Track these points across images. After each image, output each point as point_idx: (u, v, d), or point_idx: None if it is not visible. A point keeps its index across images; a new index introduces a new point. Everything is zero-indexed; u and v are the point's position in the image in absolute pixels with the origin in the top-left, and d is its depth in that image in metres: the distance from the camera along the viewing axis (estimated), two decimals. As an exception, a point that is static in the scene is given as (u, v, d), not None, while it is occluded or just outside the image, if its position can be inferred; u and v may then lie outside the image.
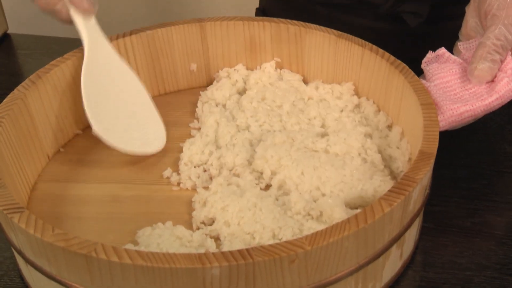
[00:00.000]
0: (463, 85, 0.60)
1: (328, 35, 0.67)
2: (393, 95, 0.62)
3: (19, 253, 0.49)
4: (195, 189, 0.60)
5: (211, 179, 0.60)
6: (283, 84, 0.70)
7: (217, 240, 0.54)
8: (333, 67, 0.69)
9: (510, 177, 0.64)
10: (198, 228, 0.55)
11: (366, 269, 0.48)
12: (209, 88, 0.72)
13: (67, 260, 0.44)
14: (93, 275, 0.44)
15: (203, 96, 0.71)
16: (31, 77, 0.61)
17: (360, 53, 0.65)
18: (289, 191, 0.57)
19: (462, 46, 0.62)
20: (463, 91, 0.59)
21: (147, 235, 0.53)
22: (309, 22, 0.69)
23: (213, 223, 0.55)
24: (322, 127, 0.65)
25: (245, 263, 0.42)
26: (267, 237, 0.51)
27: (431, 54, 0.62)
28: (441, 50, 0.62)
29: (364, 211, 0.45)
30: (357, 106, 0.67)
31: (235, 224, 0.53)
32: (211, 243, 0.52)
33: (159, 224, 0.55)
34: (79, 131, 0.67)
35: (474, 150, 0.67)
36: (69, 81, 0.64)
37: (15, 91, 0.60)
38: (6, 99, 0.59)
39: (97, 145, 0.65)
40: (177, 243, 0.52)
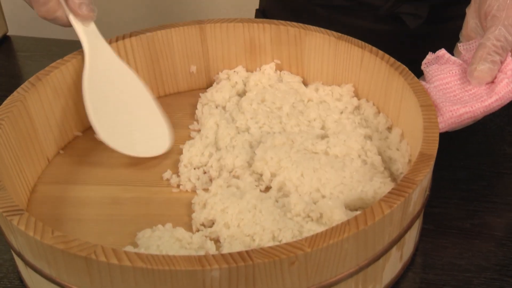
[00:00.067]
0: (463, 86, 0.60)
1: (328, 37, 0.67)
2: (393, 97, 0.62)
3: (19, 255, 0.49)
4: (195, 191, 0.60)
5: (211, 181, 0.60)
6: (283, 86, 0.70)
7: (217, 242, 0.54)
8: (333, 69, 0.69)
9: (509, 178, 0.64)
10: (198, 230, 0.55)
11: (366, 271, 0.48)
12: (209, 90, 0.72)
13: (67, 262, 0.44)
14: (92, 277, 0.44)
15: (203, 98, 0.71)
16: (31, 79, 0.61)
17: (360, 55, 0.65)
18: (289, 193, 0.57)
19: (462, 47, 0.62)
20: (463, 92, 0.59)
21: (147, 237, 0.53)
22: (309, 23, 0.69)
23: (213, 225, 0.55)
24: (322, 129, 0.65)
25: (245, 265, 0.42)
26: (267, 239, 0.51)
27: (431, 55, 0.62)
28: (441, 51, 0.62)
29: (364, 213, 0.45)
30: (357, 108, 0.67)
31: (235, 226, 0.53)
32: (211, 245, 0.52)
33: (159, 226, 0.55)
34: (79, 133, 0.67)
35: (473, 151, 0.67)
36: (69, 83, 0.64)
37: (15, 93, 0.60)
38: (5, 101, 0.59)
39: (97, 147, 0.65)
40: (177, 245, 0.52)
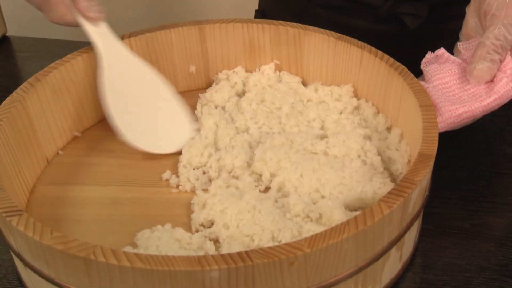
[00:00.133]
0: (462, 85, 0.59)
1: (327, 37, 0.67)
2: (392, 97, 0.62)
3: (18, 256, 0.49)
4: (194, 191, 0.60)
5: (210, 181, 0.60)
6: (282, 86, 0.70)
7: (216, 242, 0.54)
8: (332, 69, 0.69)
9: (509, 178, 0.64)
10: (197, 230, 0.55)
11: (365, 271, 0.48)
12: (208, 90, 0.72)
13: (66, 263, 0.44)
14: (91, 278, 0.44)
15: (202, 98, 0.71)
16: (30, 80, 0.61)
17: (359, 55, 0.65)
18: (288, 193, 0.57)
19: (461, 46, 0.62)
20: (462, 91, 0.59)
21: (146, 237, 0.53)
22: (308, 24, 0.69)
23: (212, 225, 0.55)
24: (321, 129, 0.65)
25: (244, 266, 0.42)
26: (266, 239, 0.51)
27: (430, 54, 0.62)
28: (440, 50, 0.62)
29: (363, 213, 0.45)
30: (356, 108, 0.67)
31: (234, 226, 0.53)
32: (210, 245, 0.52)
33: (158, 226, 0.55)
34: (78, 134, 0.67)
35: (473, 151, 0.67)
36: (68, 84, 0.64)
37: (14, 93, 0.60)
38: (4, 102, 0.59)
39: (95, 148, 0.65)
40: (176, 246, 0.52)
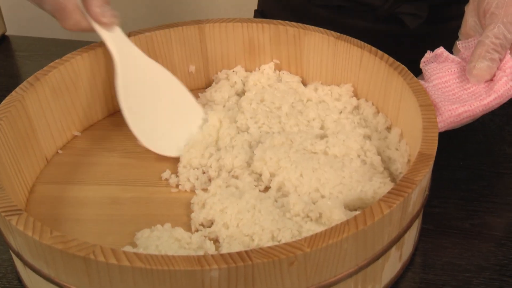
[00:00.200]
0: (462, 84, 0.59)
1: (327, 36, 0.67)
2: (392, 97, 0.62)
3: (17, 255, 0.49)
4: (194, 191, 0.60)
5: (210, 181, 0.60)
6: (282, 85, 0.70)
7: (216, 242, 0.54)
8: (332, 69, 0.69)
9: (509, 178, 0.64)
10: (197, 230, 0.55)
11: (365, 271, 0.48)
12: (208, 89, 0.72)
13: (65, 262, 0.44)
14: (91, 277, 0.44)
15: (202, 98, 0.71)
16: (29, 79, 0.61)
17: (359, 55, 0.65)
18: (288, 193, 0.57)
19: (461, 45, 0.62)
20: (462, 91, 0.59)
21: (146, 237, 0.53)
22: (308, 24, 0.69)
23: (212, 225, 0.55)
24: (321, 128, 0.65)
25: (244, 265, 0.42)
26: (266, 239, 0.51)
27: (429, 53, 0.62)
28: (440, 49, 0.62)
29: (363, 212, 0.45)
30: (356, 107, 0.67)
31: (234, 226, 0.53)
32: (210, 245, 0.52)
33: (158, 226, 0.55)
34: (77, 133, 0.67)
35: (473, 151, 0.67)
36: (67, 83, 0.64)
37: (13, 93, 0.60)
38: (4, 101, 0.59)
39: (95, 147, 0.65)
40: (176, 245, 0.52)
